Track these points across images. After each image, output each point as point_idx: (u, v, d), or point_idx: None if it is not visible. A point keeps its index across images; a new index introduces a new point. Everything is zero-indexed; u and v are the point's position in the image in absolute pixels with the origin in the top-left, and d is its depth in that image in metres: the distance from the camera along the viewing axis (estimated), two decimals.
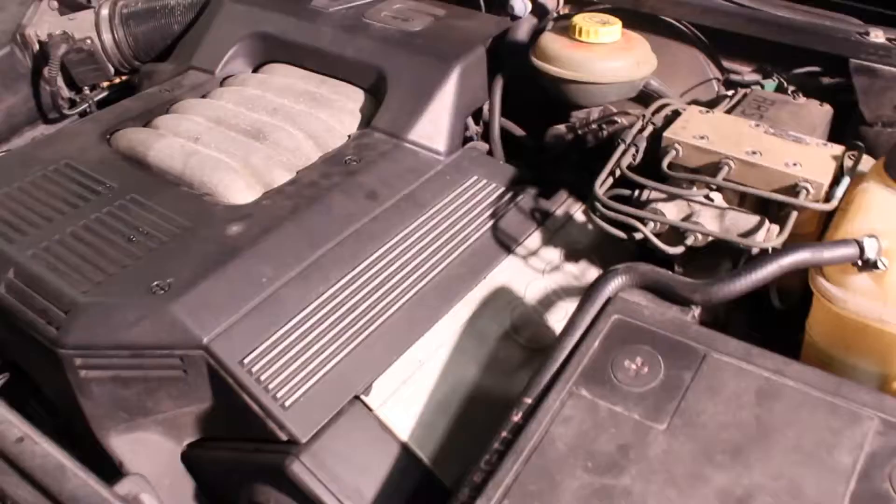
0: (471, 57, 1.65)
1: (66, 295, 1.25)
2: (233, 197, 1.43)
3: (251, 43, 1.85)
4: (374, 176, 1.48)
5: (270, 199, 1.41)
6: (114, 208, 1.42)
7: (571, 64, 1.61)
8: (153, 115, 1.71)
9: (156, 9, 2.17)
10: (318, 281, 1.31)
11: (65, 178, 1.52)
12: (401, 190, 1.48)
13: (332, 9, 1.83)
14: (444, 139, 1.57)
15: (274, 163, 1.50)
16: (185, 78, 1.84)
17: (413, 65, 1.63)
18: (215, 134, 1.57)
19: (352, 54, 1.71)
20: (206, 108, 1.66)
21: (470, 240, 1.47)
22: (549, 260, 1.53)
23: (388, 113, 1.59)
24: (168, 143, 1.54)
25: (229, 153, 1.51)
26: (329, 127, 1.59)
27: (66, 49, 2.07)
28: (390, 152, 1.53)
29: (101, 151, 1.59)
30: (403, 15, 1.77)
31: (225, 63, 1.84)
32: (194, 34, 1.97)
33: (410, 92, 1.60)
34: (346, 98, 1.68)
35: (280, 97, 1.68)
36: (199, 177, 1.46)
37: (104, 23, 2.16)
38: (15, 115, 2.14)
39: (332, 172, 1.48)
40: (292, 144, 1.54)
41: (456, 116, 1.60)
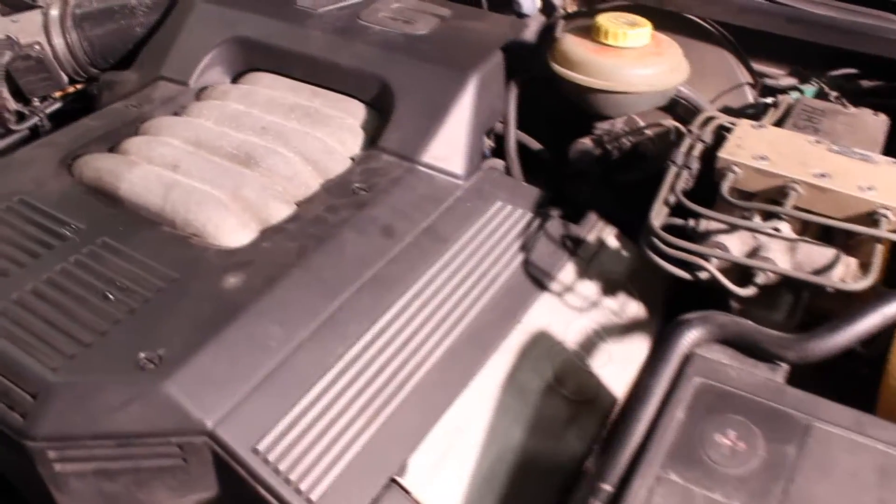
0: (488, 64, 1.45)
1: (32, 373, 1.04)
2: (224, 237, 1.22)
3: (229, 49, 1.63)
4: (387, 207, 1.28)
5: (271, 241, 1.20)
6: (83, 257, 1.20)
7: (598, 71, 1.42)
8: (120, 136, 1.48)
9: (114, 9, 1.93)
10: (336, 341, 1.11)
11: (20, 218, 1.29)
12: (419, 223, 1.28)
13: (322, 9, 1.62)
14: (462, 160, 1.38)
15: (269, 194, 1.29)
16: (155, 90, 1.61)
17: (422, 75, 1.43)
18: (197, 160, 1.35)
19: (349, 62, 1.49)
20: (183, 128, 1.43)
21: (500, 278, 1.28)
22: (586, 295, 1.35)
23: (396, 131, 1.38)
24: (142, 172, 1.32)
25: (216, 184, 1.29)
26: (329, 148, 1.38)
27: (10, 56, 1.83)
28: (403, 178, 1.33)
29: (62, 183, 1.36)
30: (404, 16, 1.56)
31: (200, 72, 1.62)
32: (162, 39, 1.73)
33: (421, 106, 1.40)
34: (344, 113, 1.47)
35: (268, 113, 1.46)
36: (182, 214, 1.24)
37: (54, 25, 1.92)
38: None
39: (340, 205, 1.27)
40: (289, 171, 1.33)
41: (474, 134, 1.40)
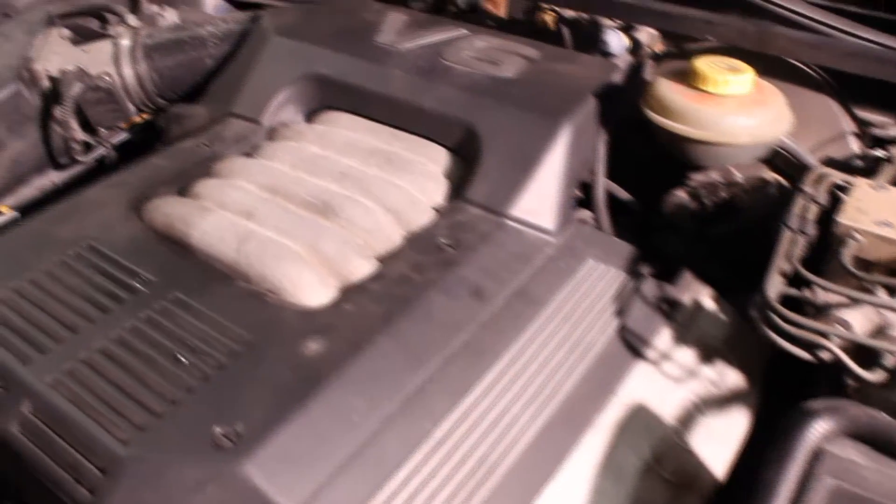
0: (581, 111, 1.36)
1: (102, 446, 0.96)
2: (302, 295, 1.14)
3: (304, 86, 1.56)
4: (476, 267, 1.19)
5: (353, 302, 1.12)
6: (154, 313, 1.12)
7: (697, 120, 1.33)
8: (191, 177, 1.41)
9: (184, 40, 1.87)
10: (424, 416, 1.02)
11: (89, 266, 1.22)
12: (510, 284, 1.19)
13: (403, 47, 1.53)
14: (554, 214, 1.29)
15: (349, 248, 1.20)
16: (226, 128, 1.54)
17: (512, 121, 1.34)
18: (273, 208, 1.27)
19: (432, 105, 1.41)
20: (257, 172, 1.36)
21: (595, 346, 1.18)
22: (683, 363, 1.25)
23: (484, 182, 1.30)
24: (215, 220, 1.24)
25: (293, 235, 1.21)
26: (411, 198, 1.30)
27: (81, 88, 1.78)
28: (492, 234, 1.24)
29: (132, 228, 1.30)
30: (490, 56, 1.47)
31: (273, 110, 1.55)
32: (233, 74, 1.66)
33: (511, 156, 1.31)
34: (426, 159, 1.38)
35: (347, 157, 1.38)
36: (258, 268, 1.16)
37: (125, 55, 1.87)
38: (22, 162, 1.85)
39: (426, 263, 1.18)
40: (369, 222, 1.24)
41: (566, 185, 1.31)
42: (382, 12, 1.71)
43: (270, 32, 1.68)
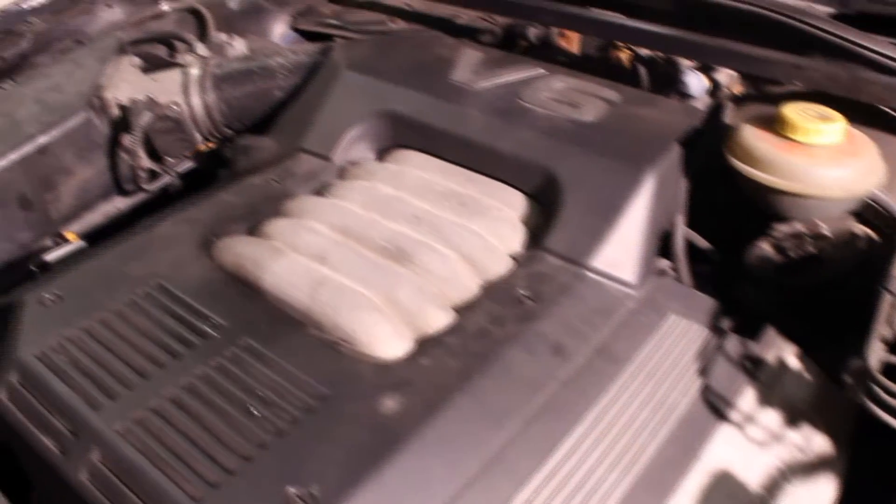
0: (665, 160, 1.31)
1: (173, 502, 0.92)
2: (377, 347, 1.10)
3: (376, 124, 1.53)
4: (557, 321, 1.14)
5: (429, 357, 1.08)
6: (225, 360, 1.09)
7: (786, 171, 1.27)
8: (261, 214, 1.38)
9: (253, 71, 1.86)
10: (504, 481, 0.98)
11: (159, 307, 1.19)
12: (591, 340, 1.14)
13: (479, 86, 1.50)
14: (635, 267, 1.24)
15: (425, 298, 1.17)
16: (296, 164, 1.51)
17: (595, 169, 1.29)
18: (346, 252, 1.24)
19: (511, 149, 1.37)
20: (329, 213, 1.33)
21: (678, 406, 1.13)
22: (767, 426, 1.19)
23: (564, 231, 1.25)
24: (288, 264, 1.21)
25: (367, 283, 1.18)
26: (487, 245, 1.26)
27: (150, 118, 1.77)
28: (572, 286, 1.19)
29: (202, 268, 1.27)
30: (569, 98, 1.43)
31: (344, 147, 1.52)
32: (303, 107, 1.64)
33: (593, 204, 1.27)
34: (503, 204, 1.34)
35: (421, 199, 1.35)
36: (332, 317, 1.13)
37: (194, 85, 1.86)
38: (89, 189, 1.86)
39: (505, 315, 1.14)
40: (446, 270, 1.20)
41: (649, 237, 1.27)
42: (456, 48, 1.68)
43: (342, 67, 1.65)
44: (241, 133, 1.93)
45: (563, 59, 1.89)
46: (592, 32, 1.80)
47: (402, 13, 2.14)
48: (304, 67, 1.83)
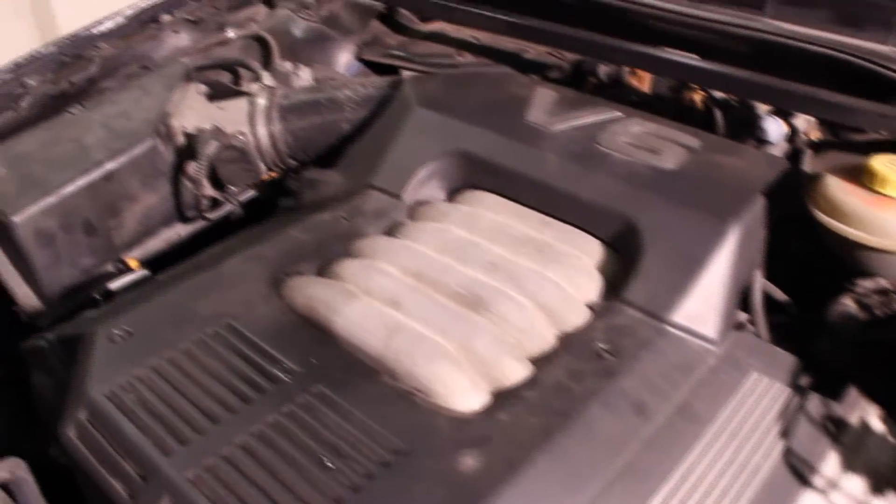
0: (750, 212, 1.28)
1: None
2: (454, 399, 1.08)
3: (448, 163, 1.51)
4: (638, 378, 1.11)
5: (508, 412, 1.05)
6: (297, 408, 1.07)
7: (875, 226, 1.24)
8: (331, 252, 1.36)
9: (321, 102, 1.85)
10: None
11: (229, 348, 1.18)
12: (672, 398, 1.10)
13: (555, 128, 1.47)
14: (717, 322, 1.20)
15: (503, 349, 1.14)
16: (365, 201, 1.49)
17: (677, 219, 1.26)
18: (420, 298, 1.21)
19: (589, 195, 1.34)
20: (401, 255, 1.31)
21: (761, 470, 1.10)
22: (851, 492, 1.16)
23: (644, 283, 1.22)
24: (361, 308, 1.19)
25: (443, 331, 1.15)
26: (565, 295, 1.23)
27: (216, 147, 1.76)
28: (652, 341, 1.16)
29: (273, 308, 1.25)
30: (648, 144, 1.39)
31: (414, 186, 1.50)
32: (372, 143, 1.62)
33: (674, 256, 1.23)
34: (579, 251, 1.31)
35: (496, 244, 1.32)
36: (407, 366, 1.10)
37: (260, 115, 1.85)
38: (152, 215, 1.86)
39: (584, 370, 1.10)
40: (523, 321, 1.18)
41: (732, 291, 1.23)
42: (529, 87, 1.65)
43: (413, 103, 1.64)
44: (305, 164, 1.91)
45: (634, 98, 1.86)
46: (666, 73, 1.77)
47: (468, 46, 2.13)
48: (372, 101, 1.81)
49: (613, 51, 1.78)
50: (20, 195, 1.69)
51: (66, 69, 2.12)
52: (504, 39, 2.08)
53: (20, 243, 1.68)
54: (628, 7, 1.82)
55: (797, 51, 1.60)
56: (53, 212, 1.70)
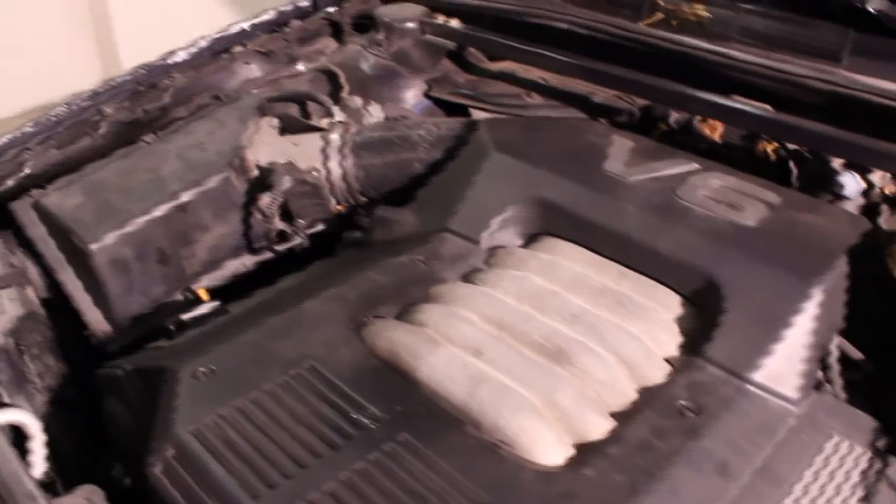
0: (833, 273, 1.28)
1: None
2: (539, 452, 1.09)
3: (527, 210, 1.52)
4: (720, 438, 1.11)
5: (593, 468, 1.06)
6: (383, 456, 1.09)
7: None
8: (410, 298, 1.38)
9: (394, 140, 1.87)
10: None
11: (313, 392, 1.20)
12: (754, 459, 1.11)
13: (634, 179, 1.48)
14: (798, 382, 1.21)
15: (586, 403, 1.15)
16: (442, 245, 1.51)
17: (760, 278, 1.27)
18: (503, 348, 1.23)
19: (669, 249, 1.35)
20: (481, 302, 1.32)
21: None
22: None
23: (726, 340, 1.22)
24: (445, 357, 1.20)
25: (526, 383, 1.16)
26: (646, 349, 1.23)
27: (290, 183, 1.79)
28: (734, 400, 1.16)
29: (354, 352, 1.27)
30: (728, 198, 1.40)
31: (492, 231, 1.50)
32: (447, 185, 1.64)
33: (757, 315, 1.24)
34: (658, 305, 1.31)
35: (575, 295, 1.33)
36: (491, 417, 1.11)
37: (333, 151, 1.88)
38: (222, 246, 1.89)
39: (667, 428, 1.11)
40: (605, 375, 1.18)
41: (814, 352, 1.23)
42: (605, 135, 1.67)
43: (490, 147, 1.65)
44: (374, 200, 1.94)
45: (704, 146, 1.87)
46: (739, 124, 1.78)
47: (537, 87, 2.15)
48: (446, 142, 1.83)
49: (686, 98, 1.79)
50: (98, 223, 1.73)
51: (141, 97, 2.16)
52: (572, 81, 2.09)
53: (96, 270, 1.72)
54: (702, 55, 1.83)
55: (873, 104, 1.60)
56: (129, 241, 1.74)
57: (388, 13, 2.35)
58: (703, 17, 1.98)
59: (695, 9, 1.98)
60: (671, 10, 2.01)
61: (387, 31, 2.33)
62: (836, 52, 1.78)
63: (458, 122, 1.88)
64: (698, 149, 1.76)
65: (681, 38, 1.91)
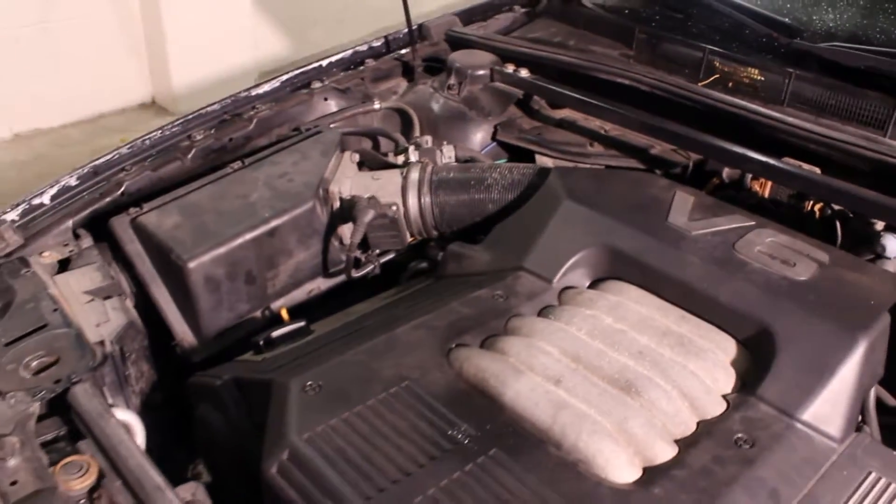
0: (877, 328, 1.43)
1: None
2: (612, 471, 1.25)
3: (596, 255, 1.68)
4: (772, 468, 1.27)
5: (661, 487, 1.21)
6: (476, 467, 1.24)
7: None
8: (491, 328, 1.54)
9: (470, 181, 2.04)
10: None
11: (410, 409, 1.36)
12: (801, 489, 1.26)
13: (695, 232, 1.64)
14: (841, 423, 1.36)
15: (654, 430, 1.30)
16: (518, 282, 1.67)
17: (811, 329, 1.43)
18: (579, 379, 1.39)
19: (728, 299, 1.51)
20: (558, 336, 1.48)
21: None
22: None
23: (778, 382, 1.38)
24: (529, 384, 1.36)
25: (602, 410, 1.32)
26: (705, 386, 1.39)
27: (372, 216, 1.95)
28: (784, 436, 1.32)
29: (445, 375, 1.43)
30: (783, 255, 1.56)
31: (564, 272, 1.66)
32: (522, 227, 1.80)
33: (806, 361, 1.39)
34: (716, 347, 1.47)
35: (641, 334, 1.49)
36: (572, 439, 1.27)
37: (412, 188, 2.04)
38: (301, 269, 2.05)
39: (725, 457, 1.27)
40: (670, 407, 1.34)
41: (856, 397, 1.38)
42: (668, 189, 1.83)
43: (563, 195, 1.82)
44: (445, 236, 2.10)
45: (753, 201, 2.02)
46: (788, 183, 1.93)
47: (598, 137, 2.31)
48: (518, 186, 2.00)
49: (740, 158, 1.95)
50: (195, 243, 1.89)
51: (227, 126, 2.34)
52: (631, 133, 2.25)
53: (191, 287, 1.88)
54: (755, 118, 1.99)
55: None
56: (222, 261, 1.90)
57: (460, 59, 2.52)
58: (756, 80, 2.14)
59: (749, 73, 2.14)
60: (727, 72, 2.17)
61: (459, 75, 2.49)
62: (882, 122, 1.93)
63: (531, 169, 2.04)
64: (748, 204, 1.92)
65: (735, 100, 2.07)
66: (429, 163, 2.12)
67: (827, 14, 2.23)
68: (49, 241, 1.98)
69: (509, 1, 2.97)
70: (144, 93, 6.19)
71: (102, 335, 1.74)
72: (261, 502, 1.36)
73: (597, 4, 2.68)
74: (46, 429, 1.52)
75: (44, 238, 1.97)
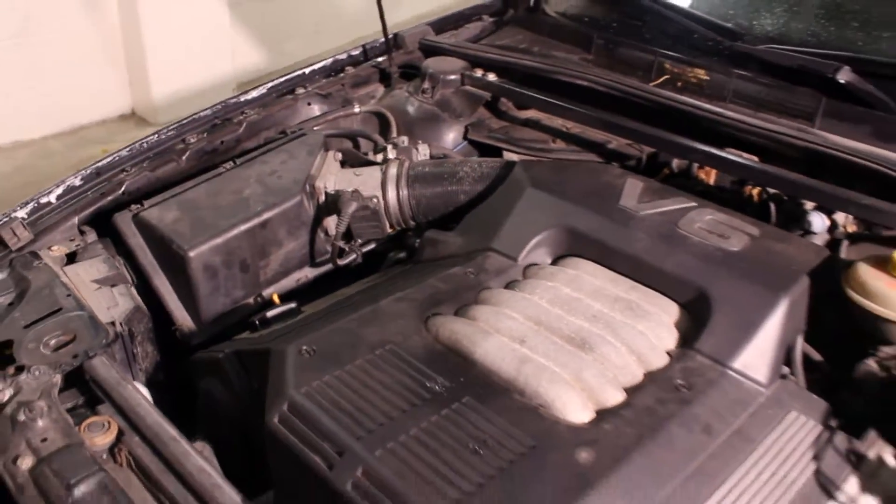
0: (797, 288, 1.64)
1: None
2: (569, 413, 1.44)
3: (557, 235, 1.88)
4: (706, 407, 1.47)
5: (611, 424, 1.42)
6: (451, 411, 1.44)
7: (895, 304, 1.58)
8: (464, 300, 1.74)
9: (443, 175, 2.23)
10: None
11: (393, 367, 1.55)
12: (731, 424, 1.46)
13: (643, 213, 1.85)
14: (767, 370, 1.56)
15: (605, 379, 1.50)
16: (487, 261, 1.87)
17: (740, 290, 1.63)
18: (540, 338, 1.59)
19: (671, 268, 1.72)
20: (521, 305, 1.68)
21: (796, 483, 1.44)
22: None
23: (713, 337, 1.59)
24: (497, 343, 1.56)
25: (560, 363, 1.52)
26: (650, 343, 1.60)
27: (355, 207, 2.14)
28: (717, 381, 1.52)
29: (423, 339, 1.62)
30: (719, 230, 1.77)
31: (527, 251, 1.87)
32: (491, 214, 2.00)
33: (737, 318, 1.60)
34: (661, 311, 1.68)
35: (595, 301, 1.70)
36: (533, 387, 1.47)
37: (391, 182, 2.23)
38: (291, 258, 2.22)
39: (667, 399, 1.47)
40: (620, 361, 1.55)
41: (779, 348, 1.59)
42: (620, 177, 2.04)
43: (527, 184, 2.03)
44: (421, 225, 2.30)
45: (700, 188, 2.23)
46: (729, 171, 2.15)
47: (560, 134, 2.51)
48: (487, 178, 2.20)
49: (687, 149, 2.16)
50: (194, 235, 2.07)
51: (218, 130, 2.53)
52: (590, 130, 2.46)
53: (191, 274, 2.06)
54: (701, 113, 2.21)
55: (840, 159, 1.98)
56: (219, 250, 2.08)
57: (433, 65, 2.72)
58: (703, 80, 2.36)
59: (696, 73, 2.36)
60: (676, 73, 2.39)
61: (432, 80, 2.69)
62: (811, 114, 2.15)
63: (498, 162, 2.25)
64: (695, 190, 2.13)
65: (683, 98, 2.29)
66: (406, 159, 2.31)
67: (766, 19, 2.46)
68: (56, 236, 2.16)
69: (479, 11, 3.16)
70: (124, 104, 6.27)
71: (113, 317, 1.91)
72: (259, 465, 1.54)
73: (559, 13, 2.88)
74: (66, 399, 1.69)
75: (51, 234, 2.15)
